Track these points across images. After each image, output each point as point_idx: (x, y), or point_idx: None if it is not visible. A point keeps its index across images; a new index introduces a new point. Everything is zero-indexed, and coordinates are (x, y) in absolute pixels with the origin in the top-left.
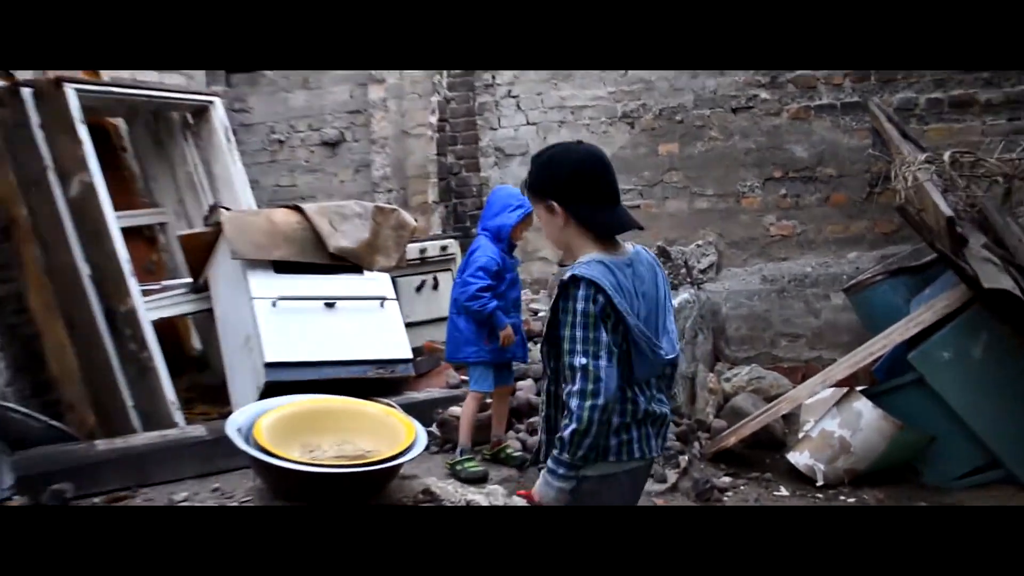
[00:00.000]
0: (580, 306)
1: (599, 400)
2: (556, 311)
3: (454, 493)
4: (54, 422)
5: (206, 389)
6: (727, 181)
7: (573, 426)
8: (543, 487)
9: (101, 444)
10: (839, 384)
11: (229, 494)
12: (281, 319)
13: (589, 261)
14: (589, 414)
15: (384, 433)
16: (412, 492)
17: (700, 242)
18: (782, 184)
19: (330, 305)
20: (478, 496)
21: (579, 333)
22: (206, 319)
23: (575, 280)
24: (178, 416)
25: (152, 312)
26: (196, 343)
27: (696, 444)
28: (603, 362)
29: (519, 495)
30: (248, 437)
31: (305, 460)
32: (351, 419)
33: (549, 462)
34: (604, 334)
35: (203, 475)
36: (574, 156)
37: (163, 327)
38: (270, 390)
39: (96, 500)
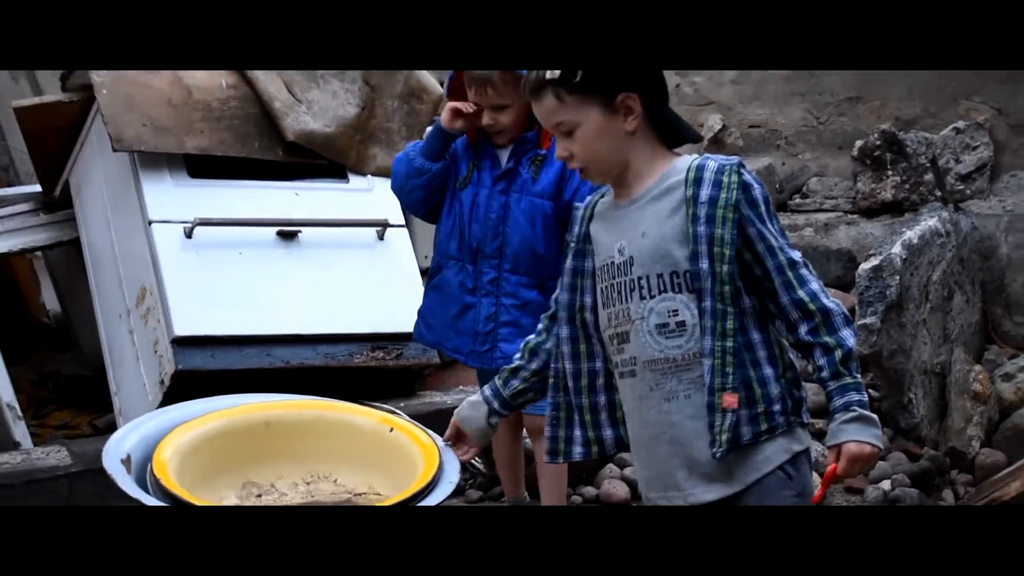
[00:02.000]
0: (761, 191)
1: None
2: (730, 207)
3: None
4: None
5: (69, 383)
6: None
7: (854, 336)
8: (868, 429)
9: None
10: None
11: None
12: (201, 261)
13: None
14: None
15: (384, 462)
16: None
17: (961, 125)
18: None
19: (288, 235)
20: None
21: (775, 226)
22: (67, 260)
23: (739, 165)
24: (19, 430)
25: None
26: (50, 302)
27: (947, 493)
28: None
29: (830, 477)
30: (144, 472)
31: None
32: (327, 438)
33: (850, 396)
34: None
35: None
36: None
37: None
38: (182, 385)
39: None
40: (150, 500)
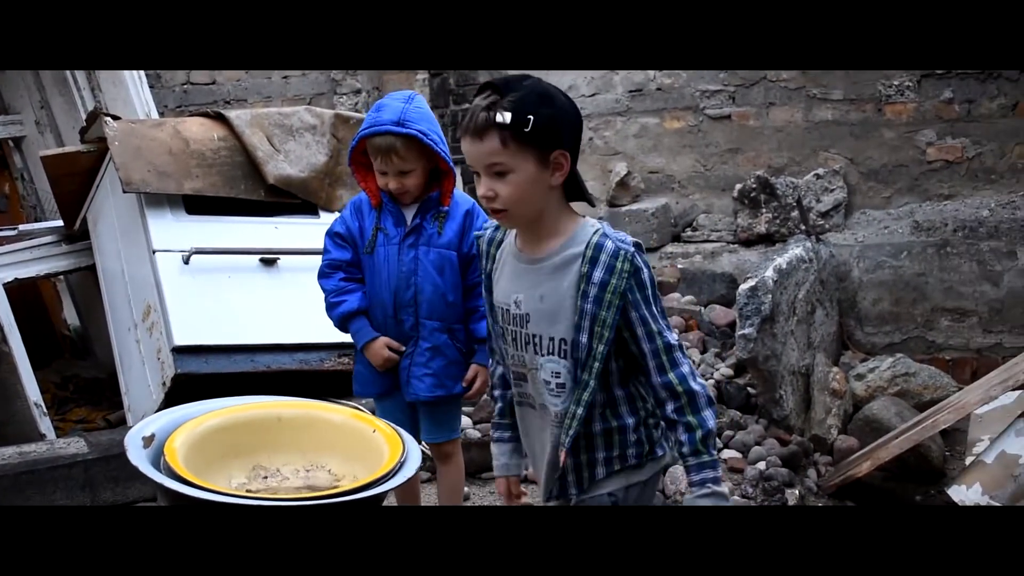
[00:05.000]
0: (649, 275)
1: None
2: (617, 294)
3: None
4: None
5: (86, 385)
6: (863, 79)
7: (714, 417)
8: (720, 505)
9: None
10: None
11: None
12: (197, 283)
13: (602, 225)
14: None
15: (357, 450)
16: None
17: (820, 171)
18: (946, 83)
19: (269, 262)
20: None
21: (657, 308)
22: (85, 282)
23: (637, 247)
24: (44, 424)
25: (4, 271)
26: (70, 317)
27: (811, 472)
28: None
29: None
30: (158, 457)
31: (260, 492)
32: (325, 433)
33: (706, 473)
34: None
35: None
36: (563, 95)
37: (21, 293)
38: (181, 387)
39: None
40: (153, 472)
